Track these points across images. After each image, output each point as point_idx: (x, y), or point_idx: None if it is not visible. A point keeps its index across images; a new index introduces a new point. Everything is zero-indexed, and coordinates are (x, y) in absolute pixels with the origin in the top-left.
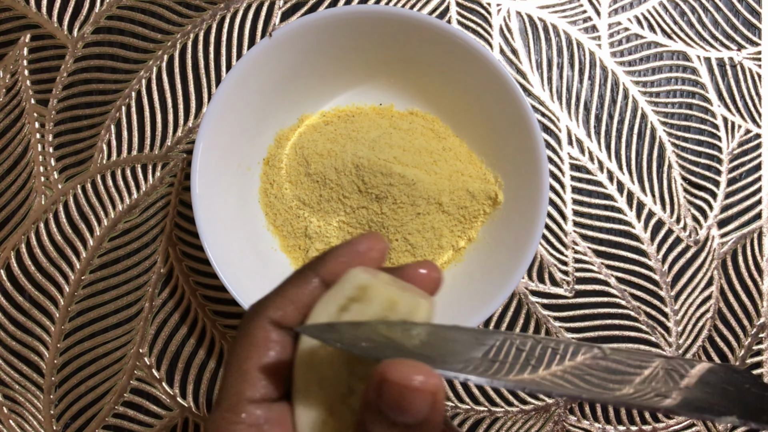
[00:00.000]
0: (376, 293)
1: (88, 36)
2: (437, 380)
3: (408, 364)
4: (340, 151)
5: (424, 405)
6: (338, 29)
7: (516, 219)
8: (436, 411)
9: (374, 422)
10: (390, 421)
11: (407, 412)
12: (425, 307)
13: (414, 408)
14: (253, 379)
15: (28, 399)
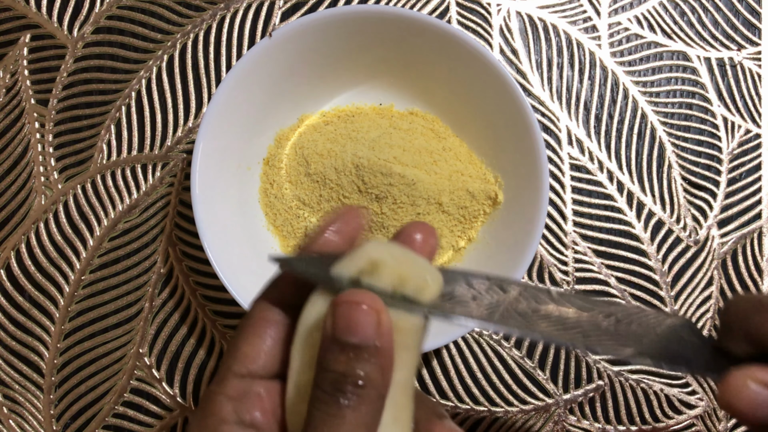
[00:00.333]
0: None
1: (88, 36)
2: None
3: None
4: (340, 151)
5: (370, 323)
6: (338, 29)
7: (516, 219)
8: (382, 333)
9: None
10: (341, 346)
11: (355, 331)
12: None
13: (361, 326)
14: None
15: (28, 399)
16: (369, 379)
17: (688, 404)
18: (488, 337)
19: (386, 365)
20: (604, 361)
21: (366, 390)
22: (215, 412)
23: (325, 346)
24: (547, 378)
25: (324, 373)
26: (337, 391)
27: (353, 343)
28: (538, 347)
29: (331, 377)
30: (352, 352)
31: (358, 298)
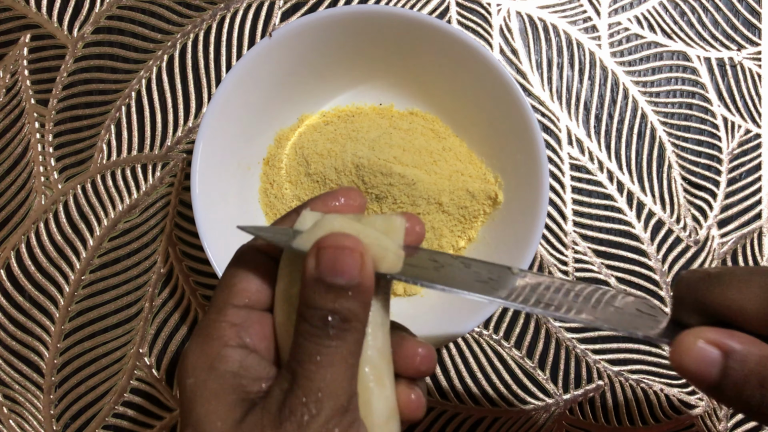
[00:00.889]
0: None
1: (88, 36)
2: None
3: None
4: (340, 151)
5: (354, 264)
6: (338, 29)
7: (516, 219)
8: (365, 273)
9: (314, 292)
10: (326, 286)
11: (341, 273)
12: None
13: (346, 268)
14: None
15: (28, 399)
16: (354, 314)
17: (688, 404)
18: (488, 337)
19: (368, 300)
20: (604, 361)
21: (352, 324)
22: (218, 336)
23: (309, 285)
24: (547, 378)
25: (311, 310)
26: (325, 325)
27: (340, 284)
28: (538, 347)
29: (320, 314)
30: (339, 292)
31: (341, 243)
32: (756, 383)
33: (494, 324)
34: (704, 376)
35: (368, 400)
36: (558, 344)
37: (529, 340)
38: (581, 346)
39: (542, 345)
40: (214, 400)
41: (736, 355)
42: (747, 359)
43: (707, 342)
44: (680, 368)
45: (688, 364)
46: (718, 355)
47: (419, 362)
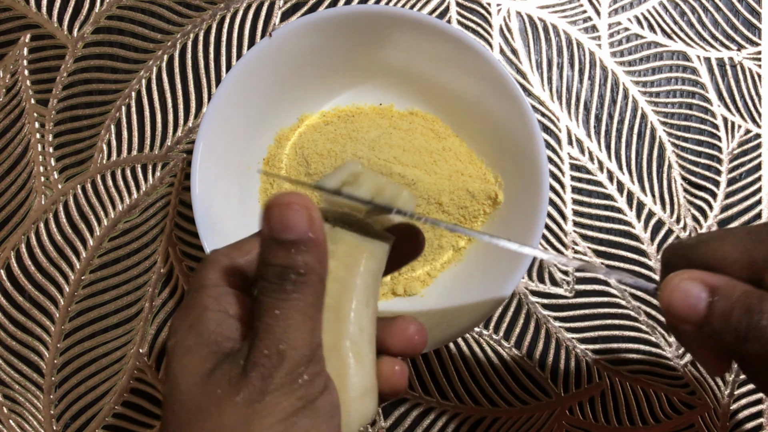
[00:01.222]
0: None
1: (88, 36)
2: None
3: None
4: (340, 151)
5: (302, 219)
6: (338, 29)
7: (516, 219)
8: (314, 226)
9: (269, 250)
10: (278, 243)
11: (289, 228)
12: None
13: (294, 223)
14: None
15: (28, 399)
16: (309, 266)
17: (688, 404)
18: (488, 337)
19: (322, 252)
20: (604, 361)
21: (308, 276)
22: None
23: (264, 244)
24: (547, 378)
25: (267, 267)
26: (282, 280)
27: (290, 239)
28: (538, 347)
29: (275, 270)
30: (291, 247)
31: (287, 200)
32: (742, 310)
33: (494, 324)
34: (692, 310)
35: (345, 374)
36: (558, 344)
37: (529, 340)
38: (581, 346)
39: (542, 345)
40: (189, 354)
41: (721, 289)
42: (731, 292)
43: (693, 280)
44: (669, 306)
45: (676, 301)
46: (704, 291)
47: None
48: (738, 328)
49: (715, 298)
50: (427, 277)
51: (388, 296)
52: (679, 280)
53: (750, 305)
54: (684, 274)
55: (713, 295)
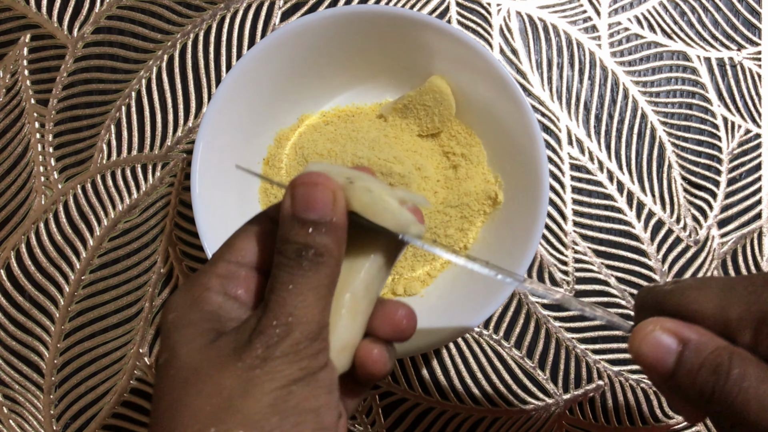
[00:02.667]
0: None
1: (88, 36)
2: (335, 182)
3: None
4: (340, 151)
5: (327, 200)
6: (338, 29)
7: (516, 219)
8: (338, 209)
9: (290, 228)
10: (300, 222)
11: (313, 209)
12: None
13: (319, 203)
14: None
15: (28, 399)
16: (327, 248)
17: None
18: (488, 337)
19: (341, 236)
20: (604, 361)
21: (325, 258)
22: (203, 283)
23: (285, 222)
24: (547, 378)
25: (287, 245)
26: (299, 257)
27: (312, 219)
28: (538, 347)
29: (294, 247)
30: (312, 227)
31: (314, 180)
32: (710, 370)
33: (494, 324)
34: (660, 363)
35: (334, 323)
36: (558, 344)
37: (529, 340)
38: (581, 346)
39: (542, 345)
40: (191, 327)
41: (692, 344)
42: (702, 348)
43: (665, 331)
44: (638, 355)
45: (645, 351)
46: (675, 344)
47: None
48: (703, 389)
49: (685, 352)
50: (427, 277)
51: (388, 296)
52: (652, 328)
53: (719, 364)
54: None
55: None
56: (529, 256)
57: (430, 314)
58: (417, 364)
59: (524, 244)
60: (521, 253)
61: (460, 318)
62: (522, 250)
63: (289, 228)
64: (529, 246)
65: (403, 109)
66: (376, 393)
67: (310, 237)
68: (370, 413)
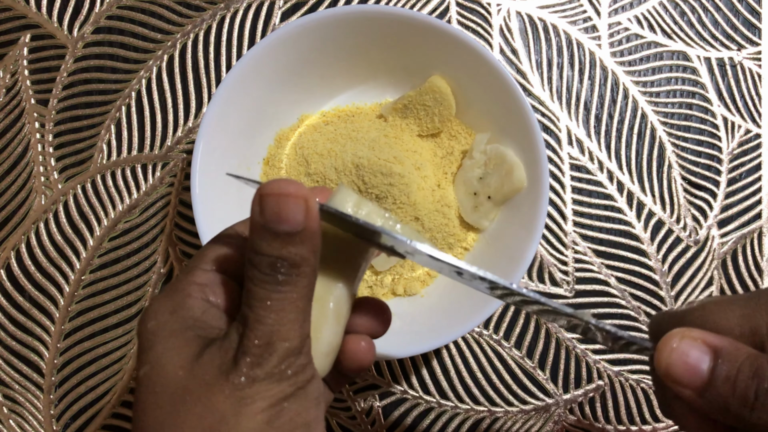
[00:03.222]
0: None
1: (88, 36)
2: (305, 190)
3: (281, 180)
4: (340, 151)
5: (299, 211)
6: (338, 29)
7: (516, 219)
8: (310, 218)
9: (261, 239)
10: (272, 233)
11: (285, 220)
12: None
13: (291, 215)
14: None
15: (28, 399)
16: (302, 259)
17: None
18: (488, 337)
19: (315, 244)
20: (604, 361)
21: (300, 269)
22: (183, 289)
23: (256, 231)
24: (547, 378)
25: (259, 257)
26: (274, 272)
27: (285, 231)
28: (538, 347)
29: (267, 260)
30: (285, 238)
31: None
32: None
33: (494, 324)
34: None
35: (320, 327)
36: (558, 344)
37: (529, 340)
38: (581, 346)
39: (542, 345)
40: (173, 337)
41: (725, 351)
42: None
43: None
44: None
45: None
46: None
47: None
48: (746, 395)
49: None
50: (427, 277)
51: (388, 296)
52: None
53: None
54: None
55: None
56: (529, 257)
57: (431, 314)
58: (417, 364)
59: (524, 244)
60: (521, 254)
61: (460, 318)
62: (522, 250)
63: (260, 239)
64: (529, 246)
65: (403, 109)
66: (376, 393)
67: (284, 249)
68: (370, 413)
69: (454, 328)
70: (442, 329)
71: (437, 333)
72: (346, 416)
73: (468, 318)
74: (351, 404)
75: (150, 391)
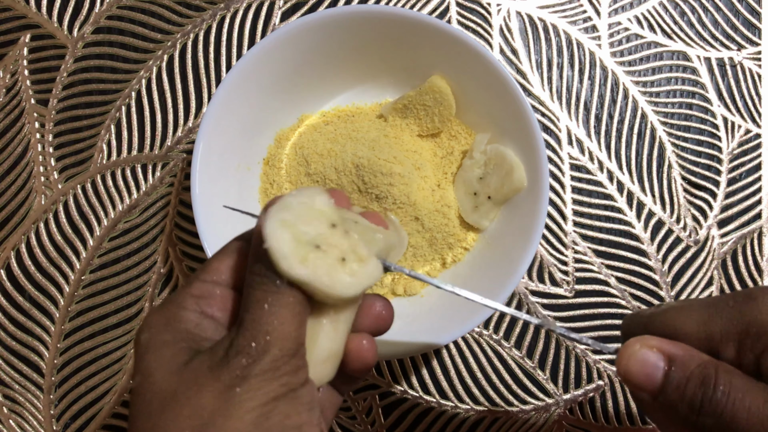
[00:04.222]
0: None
1: (88, 36)
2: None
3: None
4: (340, 151)
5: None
6: (338, 29)
7: (516, 219)
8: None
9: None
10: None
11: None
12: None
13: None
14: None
15: (28, 399)
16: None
17: None
18: (488, 337)
19: None
20: (604, 361)
21: None
22: (177, 302)
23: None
24: (547, 378)
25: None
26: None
27: None
28: (538, 347)
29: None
30: None
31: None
32: (697, 383)
33: (494, 324)
34: (649, 379)
35: (316, 333)
36: (558, 344)
37: (529, 340)
38: (581, 346)
39: (542, 345)
40: (165, 347)
41: (678, 359)
42: (688, 362)
43: (650, 348)
44: (626, 373)
45: (633, 369)
46: (661, 360)
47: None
48: (693, 401)
49: (671, 368)
50: None
51: (388, 296)
52: (638, 347)
53: (706, 377)
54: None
55: (670, 365)
56: (529, 256)
57: (431, 314)
58: (417, 364)
59: (524, 244)
60: (521, 253)
61: (460, 318)
62: (522, 250)
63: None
64: (529, 246)
65: (403, 109)
66: (376, 393)
67: None
68: (370, 413)
69: (454, 328)
70: (442, 329)
71: (437, 333)
72: (346, 416)
73: (468, 318)
74: (351, 404)
75: (141, 400)
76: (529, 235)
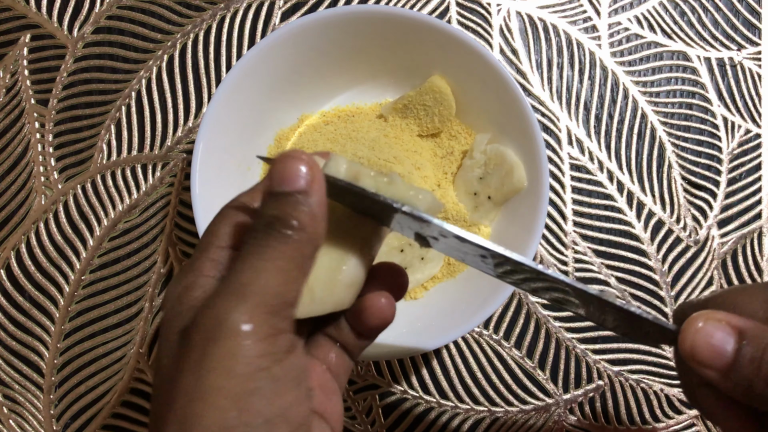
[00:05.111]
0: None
1: (88, 36)
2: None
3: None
4: (340, 151)
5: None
6: (338, 29)
7: (516, 219)
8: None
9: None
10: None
11: (287, 182)
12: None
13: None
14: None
15: (28, 399)
16: (301, 223)
17: (688, 404)
18: (488, 337)
19: (317, 213)
20: (604, 361)
21: (297, 233)
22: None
23: (263, 199)
24: (547, 378)
25: (259, 218)
26: (269, 228)
27: (285, 191)
28: (538, 347)
29: (265, 220)
30: (285, 200)
31: (292, 154)
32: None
33: (494, 324)
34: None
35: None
36: (558, 344)
37: (529, 340)
38: (581, 346)
39: (542, 345)
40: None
41: (750, 333)
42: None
43: (717, 321)
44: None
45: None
46: (730, 333)
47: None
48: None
49: (743, 342)
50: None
51: None
52: (704, 321)
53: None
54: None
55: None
56: (530, 256)
57: (431, 314)
58: (417, 364)
59: (524, 244)
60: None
61: (460, 318)
62: (522, 251)
63: (264, 203)
64: (530, 246)
65: (403, 109)
66: (376, 393)
67: (280, 209)
68: (370, 413)
69: (454, 328)
70: (443, 329)
71: (437, 333)
72: (346, 416)
73: (468, 318)
74: (351, 404)
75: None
76: (529, 235)
